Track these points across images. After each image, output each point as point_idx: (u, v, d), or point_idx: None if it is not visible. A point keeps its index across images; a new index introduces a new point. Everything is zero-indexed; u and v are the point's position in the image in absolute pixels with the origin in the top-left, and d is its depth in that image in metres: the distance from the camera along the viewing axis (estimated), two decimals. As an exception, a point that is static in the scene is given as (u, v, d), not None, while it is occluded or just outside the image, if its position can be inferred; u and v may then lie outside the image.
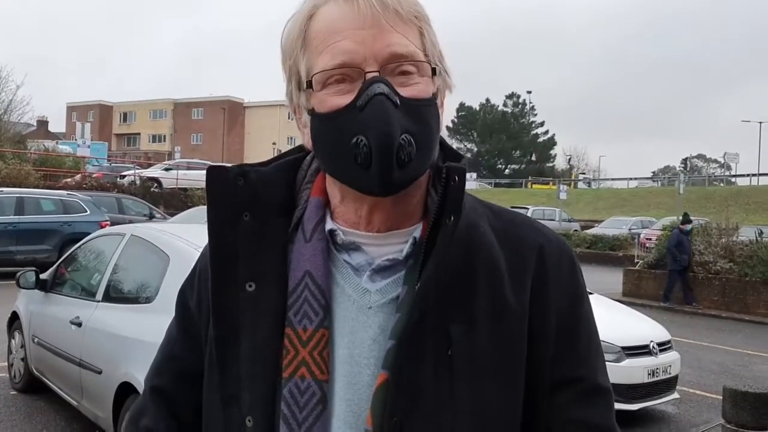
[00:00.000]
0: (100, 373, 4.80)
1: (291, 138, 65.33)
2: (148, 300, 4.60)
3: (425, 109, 0.91)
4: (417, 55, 0.91)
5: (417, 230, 0.95)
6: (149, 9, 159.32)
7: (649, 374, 6.44)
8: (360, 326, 0.94)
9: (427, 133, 0.91)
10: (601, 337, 4.72)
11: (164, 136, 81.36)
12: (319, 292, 0.94)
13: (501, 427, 0.92)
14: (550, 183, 55.19)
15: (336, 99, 0.90)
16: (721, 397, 4.61)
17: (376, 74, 0.88)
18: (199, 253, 1.10)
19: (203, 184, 1.09)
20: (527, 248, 0.97)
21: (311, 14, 0.94)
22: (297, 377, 0.92)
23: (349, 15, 0.90)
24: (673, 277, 14.79)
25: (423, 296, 0.89)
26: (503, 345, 0.93)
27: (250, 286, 0.96)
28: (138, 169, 31.40)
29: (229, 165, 1.01)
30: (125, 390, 4.41)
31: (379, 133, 0.86)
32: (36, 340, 6.14)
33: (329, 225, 0.98)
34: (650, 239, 23.90)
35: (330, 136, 0.92)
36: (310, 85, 0.93)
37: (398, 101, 0.88)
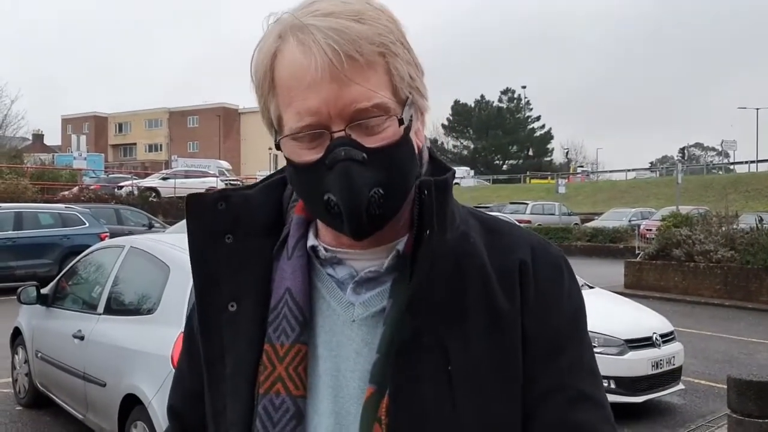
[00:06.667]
0: (104, 385, 4.81)
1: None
2: (149, 311, 4.60)
3: (396, 153, 0.91)
4: (383, 104, 0.89)
5: (401, 243, 0.96)
6: (141, 21, 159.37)
7: (653, 366, 6.44)
8: (345, 339, 0.95)
9: (400, 177, 0.92)
10: (604, 330, 4.75)
11: (160, 145, 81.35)
12: (297, 308, 0.95)
13: None
14: (549, 177, 55.20)
15: (306, 154, 0.91)
16: (726, 386, 4.61)
17: (342, 134, 0.88)
18: None
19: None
20: (513, 257, 0.97)
21: (275, 53, 0.91)
22: (272, 393, 0.93)
23: (306, 66, 0.87)
24: None
25: (413, 313, 0.90)
26: (501, 355, 0.93)
27: (232, 306, 0.98)
28: (135, 179, 31.40)
29: (210, 191, 1.03)
30: (130, 402, 4.41)
31: (345, 199, 0.88)
32: (39, 354, 6.14)
33: (311, 241, 0.99)
34: (650, 230, 23.91)
35: (304, 185, 0.94)
36: (278, 147, 0.94)
37: (365, 156, 0.88)
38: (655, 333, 6.67)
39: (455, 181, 1.03)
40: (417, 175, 0.96)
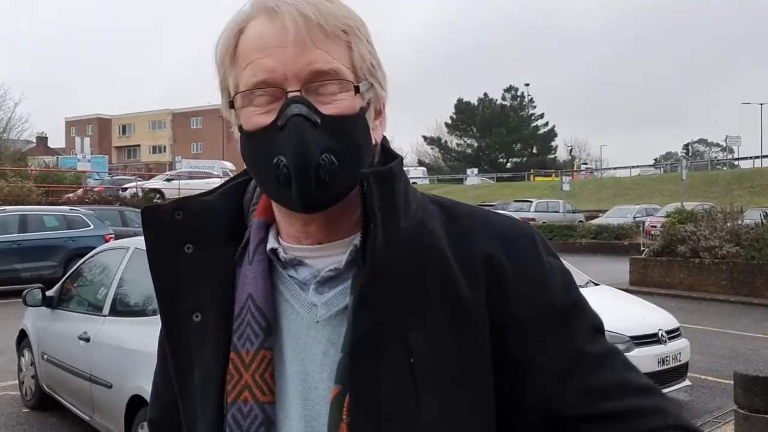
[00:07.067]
0: (110, 387, 4.82)
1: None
2: (155, 312, 4.60)
3: (350, 126, 0.91)
4: (341, 71, 0.90)
5: (358, 237, 0.94)
6: (141, 21, 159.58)
7: (659, 362, 6.42)
8: (310, 341, 0.94)
9: (353, 150, 0.91)
10: (609, 327, 4.71)
11: (164, 147, 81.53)
12: (259, 314, 0.94)
13: (475, 429, 0.90)
14: (552, 175, 55.12)
15: (260, 118, 0.90)
16: (732, 382, 4.60)
17: (297, 94, 0.88)
18: None
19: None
20: (478, 242, 0.94)
21: (241, 28, 0.93)
22: (240, 401, 0.92)
23: (273, 32, 0.89)
24: None
25: (367, 307, 0.88)
26: (466, 344, 0.90)
27: (197, 316, 0.97)
28: (139, 180, 31.46)
29: (166, 202, 1.02)
30: (136, 403, 4.42)
31: (295, 156, 0.87)
32: (45, 357, 6.16)
33: (271, 244, 0.98)
34: (655, 227, 23.86)
35: (255, 154, 0.92)
36: (232, 105, 0.93)
37: (318, 120, 0.88)
38: (660, 329, 6.65)
39: (413, 181, 1.01)
40: (370, 163, 0.94)
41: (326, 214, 0.93)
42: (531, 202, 33.82)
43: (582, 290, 0.99)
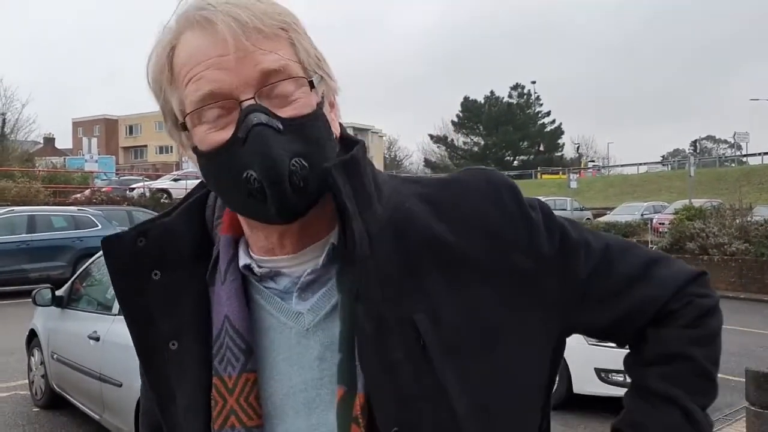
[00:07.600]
0: (120, 386, 4.83)
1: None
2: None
3: (312, 125, 0.87)
4: (290, 67, 0.86)
5: (333, 236, 0.92)
6: (142, 20, 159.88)
7: (669, 360, 6.39)
8: (304, 350, 0.91)
9: (319, 148, 0.87)
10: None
11: (171, 147, 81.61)
12: (237, 336, 0.91)
13: (512, 394, 0.88)
14: (560, 173, 55.03)
15: (216, 135, 0.85)
16: (743, 380, 4.57)
17: (252, 102, 0.83)
18: None
19: None
20: (462, 204, 0.93)
21: (173, 45, 0.88)
22: (227, 427, 0.90)
23: (210, 42, 0.84)
24: None
25: (365, 300, 0.86)
26: (477, 310, 0.88)
27: (173, 344, 0.94)
28: (147, 180, 31.56)
29: (126, 229, 0.98)
30: (146, 402, 4.43)
31: (265, 168, 0.82)
32: (55, 356, 6.19)
33: (243, 260, 0.94)
34: (663, 224, 23.77)
35: (219, 173, 0.88)
36: (184, 127, 0.89)
37: (280, 126, 0.84)
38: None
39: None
40: (335, 157, 0.90)
41: (302, 221, 0.89)
42: (538, 200, 33.71)
43: None
